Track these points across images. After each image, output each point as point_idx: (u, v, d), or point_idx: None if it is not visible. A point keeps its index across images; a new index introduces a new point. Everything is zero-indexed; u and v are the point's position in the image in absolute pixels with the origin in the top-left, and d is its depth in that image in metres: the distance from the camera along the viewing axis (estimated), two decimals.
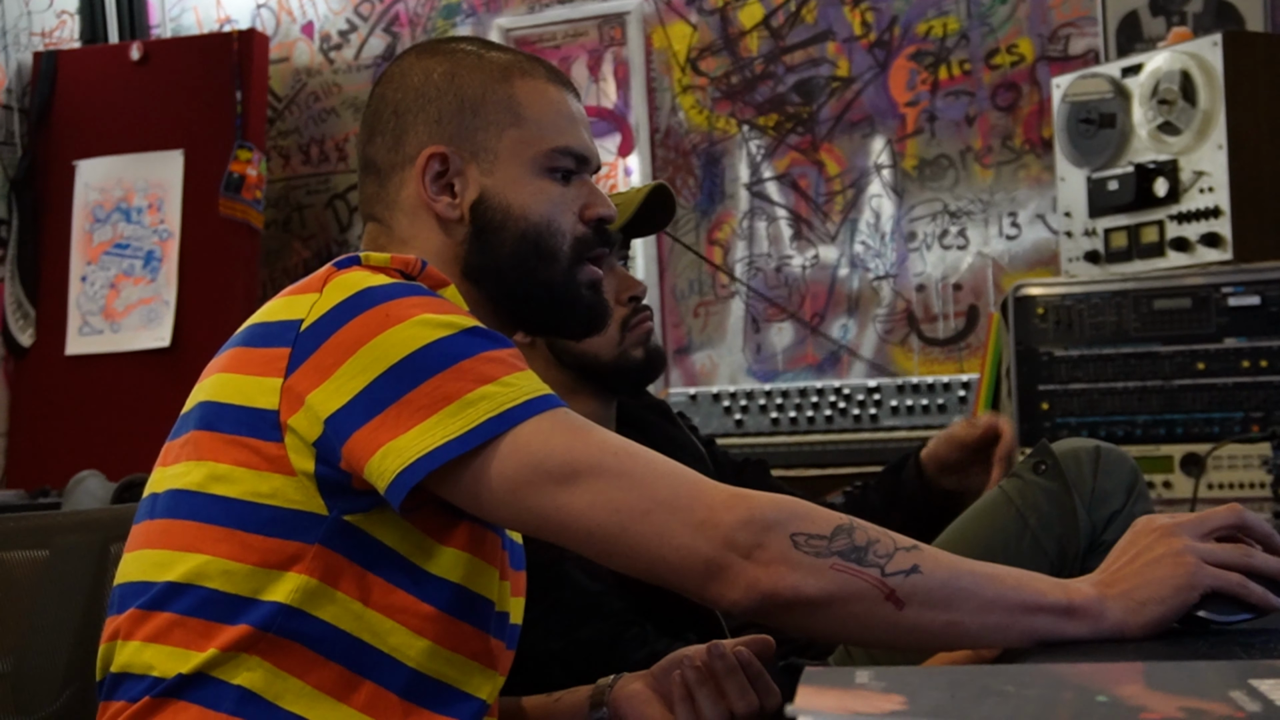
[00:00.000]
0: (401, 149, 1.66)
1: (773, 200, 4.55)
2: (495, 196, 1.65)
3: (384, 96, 1.70)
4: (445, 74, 1.67)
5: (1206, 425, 3.45)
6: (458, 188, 1.65)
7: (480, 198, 1.65)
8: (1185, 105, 3.52)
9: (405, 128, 1.66)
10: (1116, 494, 2.04)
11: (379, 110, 1.69)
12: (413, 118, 1.66)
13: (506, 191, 1.65)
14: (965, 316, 4.31)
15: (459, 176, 1.65)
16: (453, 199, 1.65)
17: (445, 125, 1.65)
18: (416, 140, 1.66)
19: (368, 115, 1.72)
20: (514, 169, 1.65)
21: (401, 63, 1.72)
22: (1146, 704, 0.79)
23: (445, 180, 1.65)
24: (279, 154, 5.16)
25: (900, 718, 0.78)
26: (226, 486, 1.49)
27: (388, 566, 1.49)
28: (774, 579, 1.37)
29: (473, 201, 1.65)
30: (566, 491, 1.41)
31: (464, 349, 1.45)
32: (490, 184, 1.65)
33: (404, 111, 1.67)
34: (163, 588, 1.50)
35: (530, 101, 1.67)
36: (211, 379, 1.56)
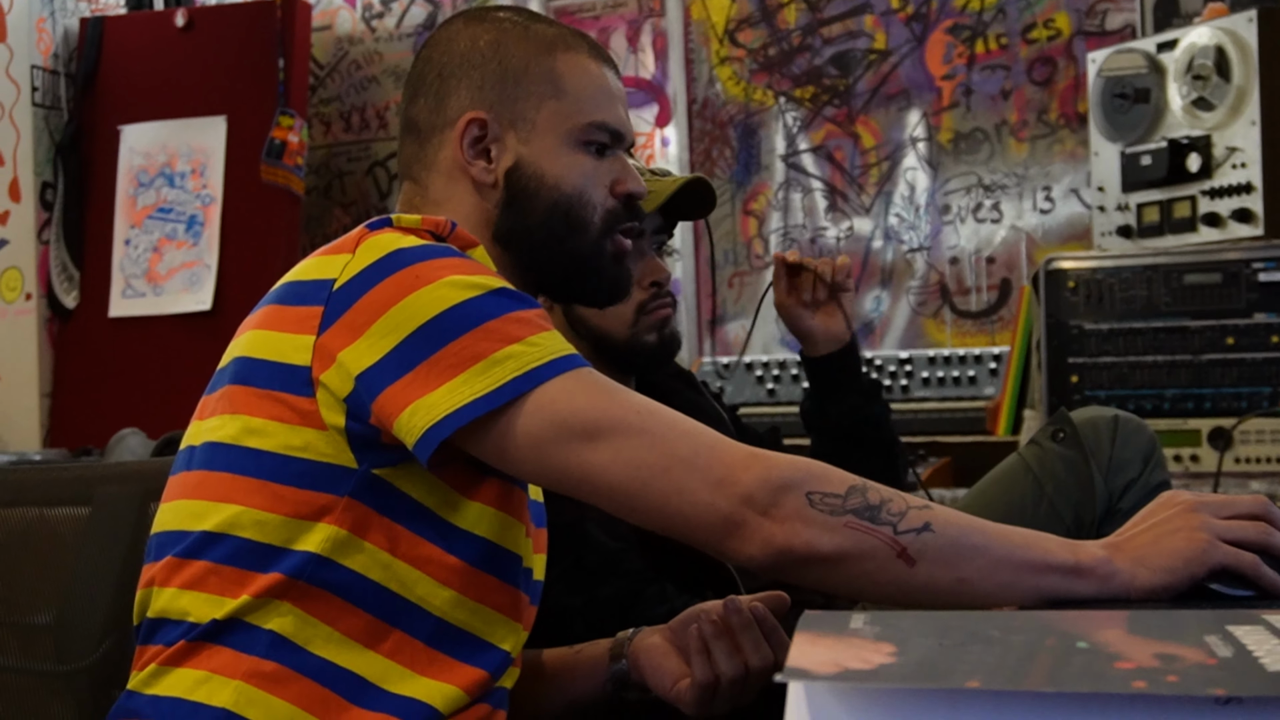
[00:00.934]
0: (443, 112, 1.71)
1: (808, 172, 4.58)
2: (530, 165, 1.69)
3: (429, 59, 1.75)
4: (491, 42, 1.72)
5: (1234, 400, 3.47)
6: (494, 153, 1.69)
7: (515, 165, 1.69)
8: (1219, 81, 3.53)
9: (448, 91, 1.71)
10: (1134, 462, 2.07)
11: (424, 72, 1.74)
12: (456, 82, 1.71)
13: (541, 161, 1.69)
14: (998, 290, 4.34)
15: (496, 143, 1.69)
16: (488, 164, 1.69)
17: (487, 92, 1.70)
18: (458, 104, 1.70)
19: (412, 76, 1.76)
20: (550, 140, 1.69)
21: (449, 27, 1.76)
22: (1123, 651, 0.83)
23: (483, 145, 1.69)
24: (320, 121, 5.22)
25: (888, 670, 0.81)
26: (260, 440, 1.54)
27: (415, 519, 1.54)
28: (789, 535, 1.41)
29: (508, 168, 1.69)
30: (590, 448, 1.46)
31: (491, 309, 1.49)
32: (526, 152, 1.69)
33: (448, 75, 1.71)
34: (198, 537, 1.55)
35: (571, 75, 1.71)
36: (247, 335, 1.61)
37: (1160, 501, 1.45)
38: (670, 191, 2.22)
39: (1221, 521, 1.39)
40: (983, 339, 4.33)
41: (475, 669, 1.57)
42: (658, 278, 2.24)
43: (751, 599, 1.69)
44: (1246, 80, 3.49)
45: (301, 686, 1.52)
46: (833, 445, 2.38)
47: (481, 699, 1.59)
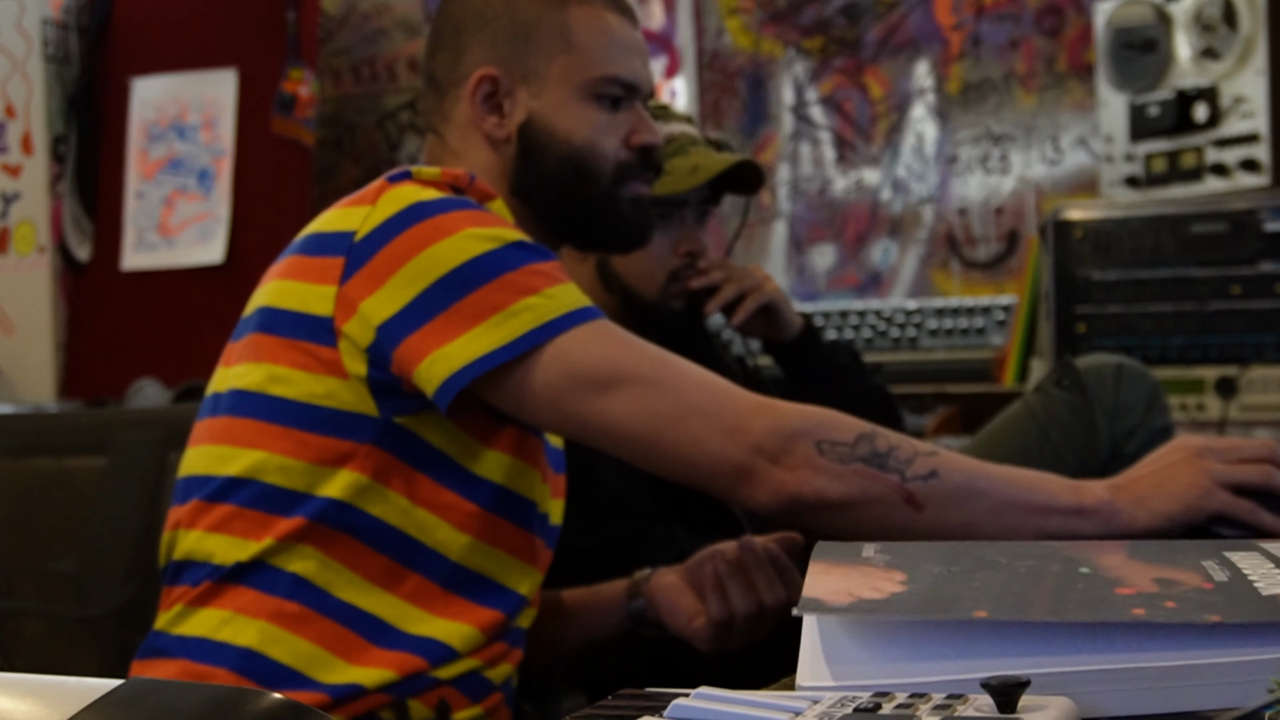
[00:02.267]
0: (458, 67, 1.74)
1: (817, 123, 4.60)
2: (541, 119, 1.72)
3: (448, 13, 1.78)
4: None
5: (1240, 348, 3.50)
6: (506, 109, 1.72)
7: (527, 120, 1.72)
8: (1227, 31, 3.54)
9: (463, 47, 1.74)
10: (1137, 408, 2.10)
11: (442, 27, 1.77)
12: (470, 37, 1.74)
13: (552, 115, 1.72)
14: (1006, 240, 4.36)
15: (508, 98, 1.72)
16: (500, 119, 1.72)
17: (499, 48, 1.72)
18: (472, 60, 1.73)
19: (433, 30, 1.79)
20: (561, 94, 1.72)
21: None
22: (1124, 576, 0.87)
23: (495, 101, 1.72)
24: (330, 73, 5.23)
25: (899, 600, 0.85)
26: (284, 387, 1.58)
27: (434, 466, 1.58)
28: (799, 482, 1.45)
29: (520, 123, 1.72)
30: (604, 398, 1.49)
31: (509, 261, 1.53)
32: (537, 107, 1.72)
33: (463, 30, 1.74)
34: (224, 481, 1.59)
35: (583, 28, 1.73)
36: (271, 284, 1.65)
37: (1171, 445, 1.50)
38: (718, 170, 2.25)
39: (1224, 466, 1.43)
40: (990, 289, 4.36)
41: (491, 610, 1.62)
42: (691, 247, 2.28)
43: (765, 539, 1.73)
44: (1254, 30, 3.51)
45: (323, 626, 1.57)
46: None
47: (498, 638, 1.63)
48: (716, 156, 2.31)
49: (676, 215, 2.29)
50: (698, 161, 2.27)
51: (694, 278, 2.30)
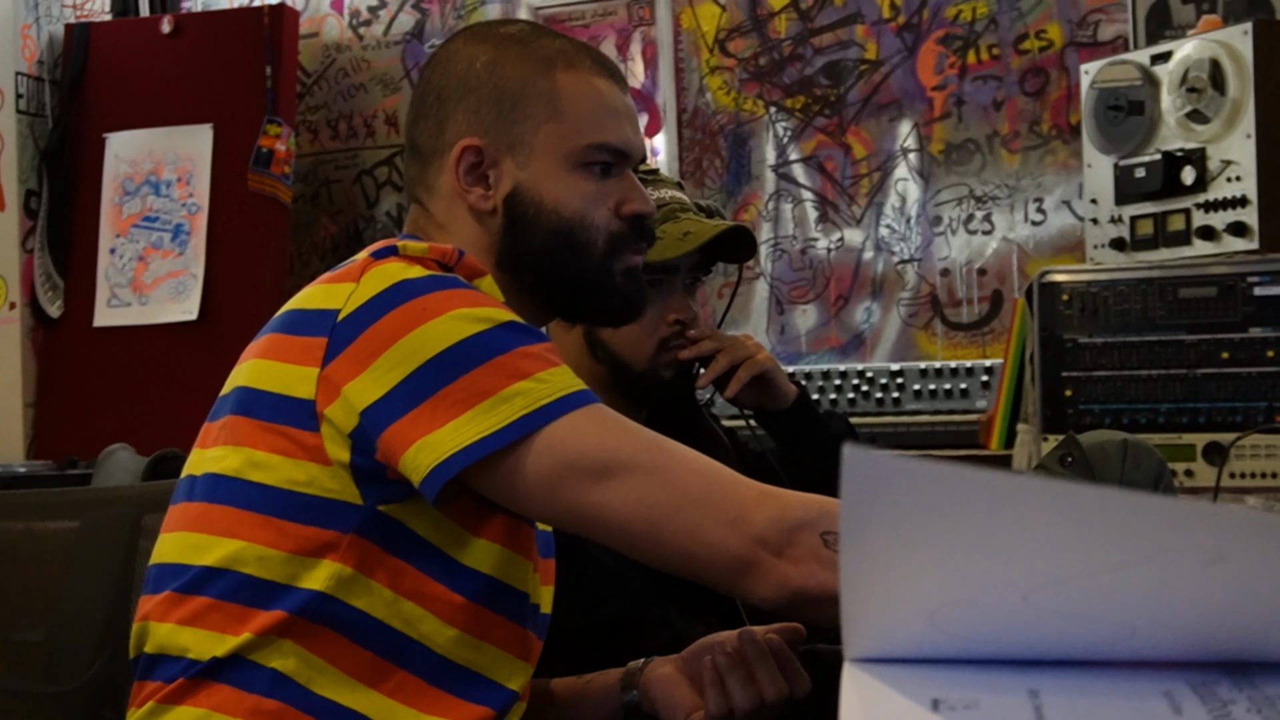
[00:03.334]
0: (442, 136, 1.68)
1: (799, 182, 4.56)
2: (528, 190, 1.66)
3: (430, 80, 1.72)
4: (488, 63, 1.68)
5: (1230, 414, 3.46)
6: (492, 179, 1.66)
7: (514, 191, 1.66)
8: (1214, 94, 3.52)
9: (446, 115, 1.68)
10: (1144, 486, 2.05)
11: (424, 94, 1.71)
12: (453, 106, 1.68)
13: (540, 186, 1.66)
14: (989, 302, 4.32)
15: (494, 169, 1.66)
16: (486, 191, 1.66)
17: (483, 116, 1.67)
18: (455, 129, 1.67)
19: (415, 97, 1.73)
20: (549, 163, 1.66)
21: (450, 47, 1.73)
22: None
23: (480, 172, 1.66)
24: (307, 129, 5.18)
25: None
26: (264, 473, 1.51)
27: (420, 556, 1.52)
28: (804, 576, 1.39)
29: (506, 194, 1.66)
30: (600, 487, 1.43)
31: (500, 344, 1.47)
32: (524, 178, 1.66)
33: (446, 99, 1.68)
34: (199, 571, 1.53)
35: (571, 94, 1.68)
36: (249, 363, 1.59)
37: None
38: (709, 236, 2.20)
39: None
40: (974, 351, 4.32)
41: (480, 707, 1.55)
42: (683, 316, 2.23)
43: (766, 630, 1.67)
44: (1242, 93, 3.48)
45: None
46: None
47: None
48: (707, 223, 2.26)
49: (666, 283, 2.24)
50: (688, 228, 2.23)
51: (685, 348, 2.24)
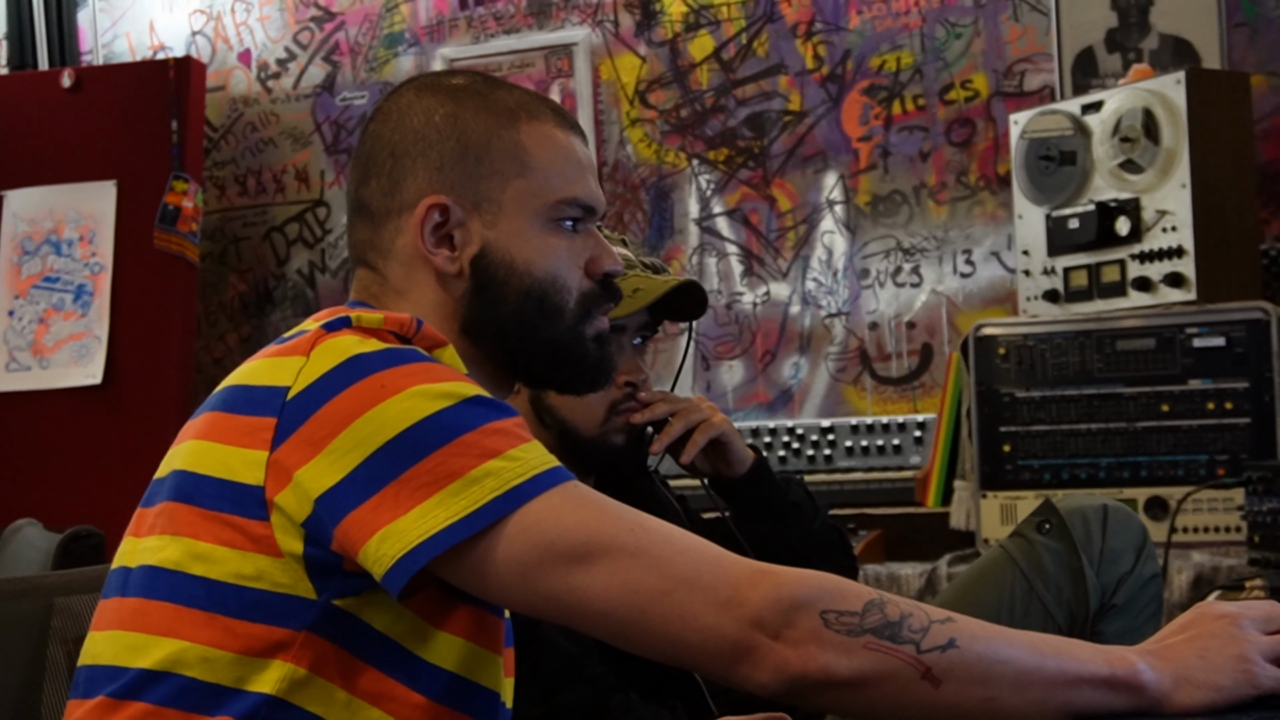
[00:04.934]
0: (398, 195, 1.56)
1: (723, 236, 4.48)
2: (497, 251, 1.55)
3: (379, 135, 1.59)
4: (448, 116, 1.57)
5: (1171, 468, 3.41)
6: (458, 240, 1.55)
7: (481, 252, 1.55)
8: (1148, 143, 3.47)
9: (403, 172, 1.56)
10: (1126, 555, 1.97)
11: (374, 151, 1.59)
12: (411, 162, 1.56)
13: (510, 245, 1.55)
14: (919, 355, 4.25)
15: (460, 228, 1.55)
16: (452, 252, 1.55)
17: (447, 173, 1.55)
18: (415, 187, 1.55)
19: (361, 154, 1.61)
20: (518, 221, 1.55)
21: (400, 99, 1.61)
22: None
23: (444, 231, 1.55)
24: (214, 185, 5.04)
25: None
26: (207, 566, 1.38)
27: (379, 654, 1.39)
28: (805, 660, 1.29)
29: (473, 255, 1.55)
30: (580, 572, 1.32)
31: (466, 421, 1.35)
32: (493, 237, 1.55)
33: (401, 154, 1.56)
34: (136, 675, 1.39)
35: (537, 148, 1.57)
36: (188, 445, 1.46)
37: (1200, 611, 1.37)
38: (660, 293, 2.10)
39: (1268, 639, 1.32)
40: (905, 406, 4.25)
41: None
42: (633, 378, 2.13)
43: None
44: (1176, 142, 3.44)
45: None
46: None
47: None
48: (657, 279, 2.17)
49: (615, 343, 2.13)
50: (638, 284, 2.13)
51: (637, 411, 2.14)
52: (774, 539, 2.17)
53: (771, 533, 2.19)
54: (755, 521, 2.20)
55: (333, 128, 4.92)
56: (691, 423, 2.16)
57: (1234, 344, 3.36)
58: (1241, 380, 3.35)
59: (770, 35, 4.42)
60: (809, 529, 2.21)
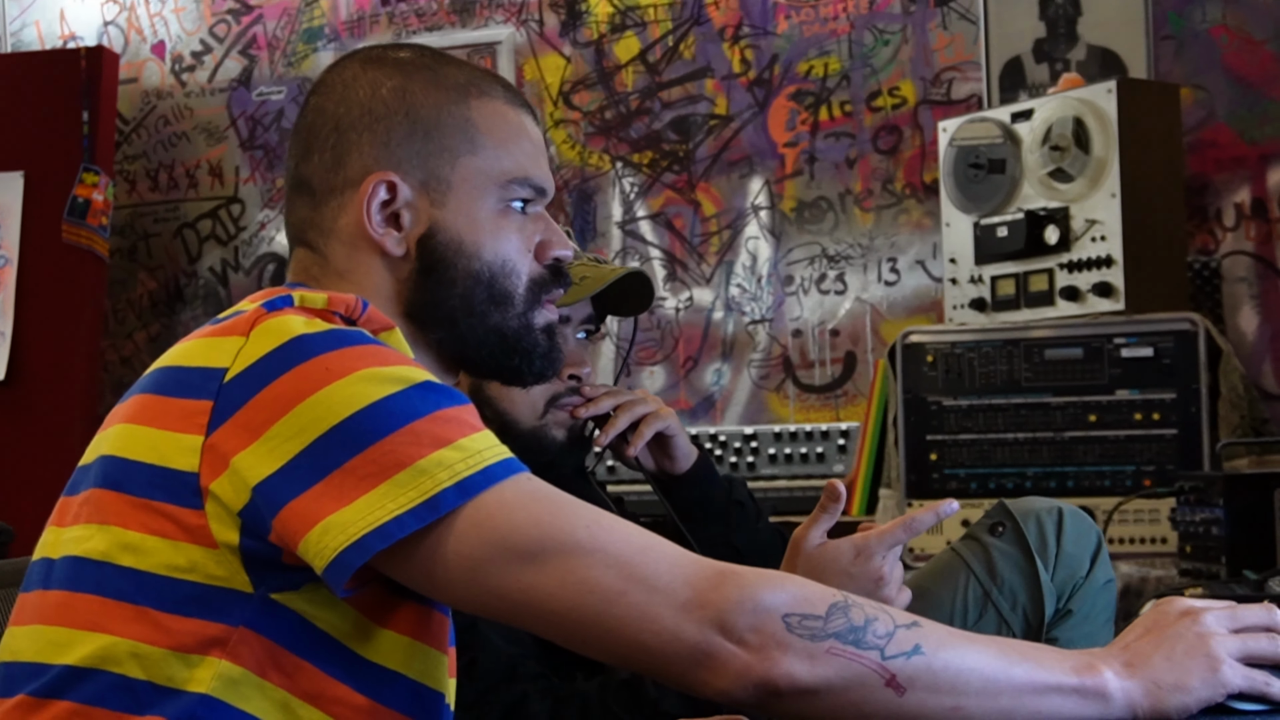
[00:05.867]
0: (342, 170, 1.48)
1: (646, 240, 4.43)
2: (446, 231, 1.48)
3: (322, 109, 1.51)
4: (395, 89, 1.50)
5: (1098, 478, 3.39)
6: (405, 219, 1.48)
7: (429, 232, 1.48)
8: (1078, 152, 3.46)
9: (348, 147, 1.48)
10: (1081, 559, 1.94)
11: (315, 124, 1.51)
12: (357, 136, 1.48)
13: (459, 226, 1.48)
14: (843, 363, 4.22)
15: (407, 207, 1.47)
16: (398, 232, 1.48)
17: (394, 149, 1.48)
18: (360, 163, 1.48)
19: (301, 128, 1.53)
20: (467, 201, 1.48)
21: (344, 72, 1.53)
22: None
23: (391, 210, 1.48)
24: (125, 179, 4.92)
25: None
26: (137, 558, 1.30)
27: (320, 651, 1.32)
28: (767, 666, 1.23)
29: (420, 235, 1.48)
30: (534, 570, 1.25)
31: (415, 407, 1.28)
32: (441, 217, 1.48)
33: (346, 128, 1.49)
34: (61, 671, 1.31)
35: (488, 125, 1.50)
36: (116, 429, 1.38)
37: (1163, 610, 1.34)
38: (608, 280, 2.04)
39: (1234, 638, 1.29)
40: (827, 414, 4.21)
41: None
42: (576, 370, 2.06)
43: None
44: (1106, 151, 3.43)
45: None
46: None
47: None
48: (604, 267, 2.11)
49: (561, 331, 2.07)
50: (584, 272, 2.07)
51: (580, 405, 2.07)
52: (718, 540, 2.12)
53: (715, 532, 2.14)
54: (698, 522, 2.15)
55: (249, 123, 4.82)
56: (637, 415, 2.11)
57: (1161, 354, 3.35)
58: (1169, 391, 3.34)
59: (697, 38, 4.38)
60: (754, 530, 2.16)
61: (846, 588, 1.57)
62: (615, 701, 1.87)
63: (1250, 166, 3.82)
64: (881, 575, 1.74)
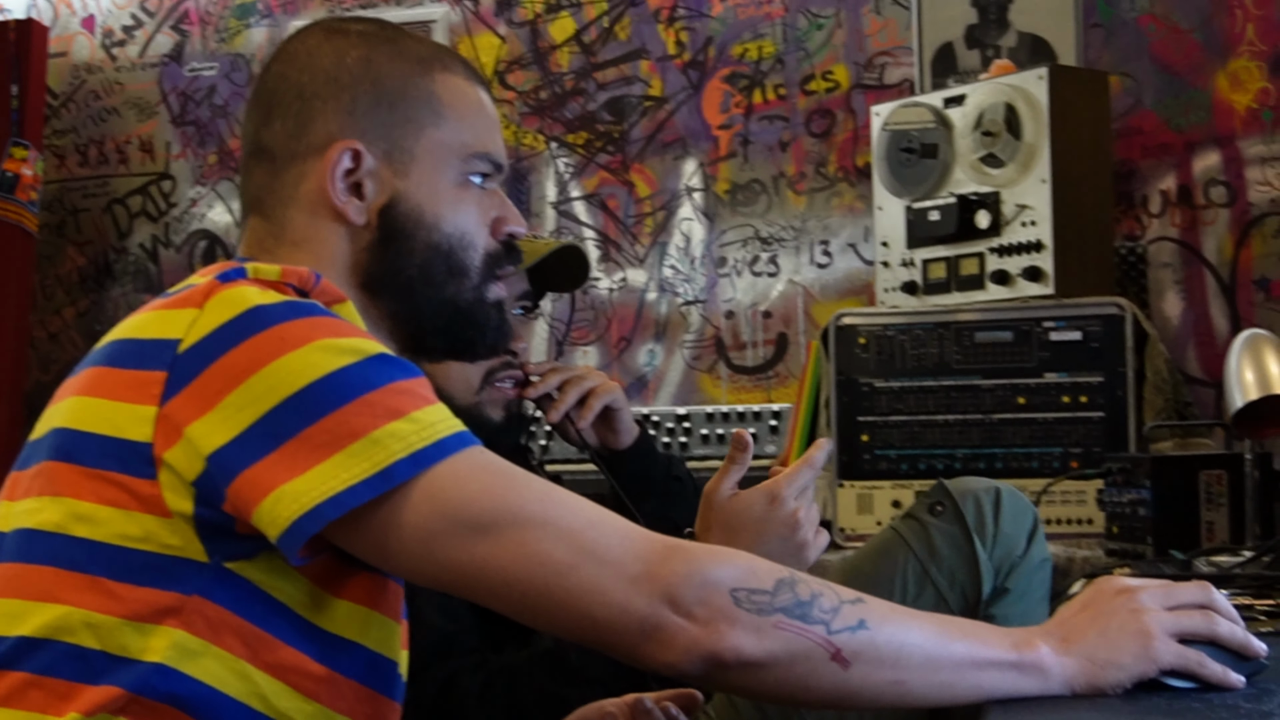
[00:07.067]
0: (305, 137, 1.50)
1: (580, 220, 4.44)
2: (407, 201, 1.49)
3: (284, 75, 1.52)
4: (360, 59, 1.51)
5: (1026, 460, 3.44)
6: (367, 188, 1.49)
7: (391, 202, 1.49)
8: (1009, 138, 3.50)
9: (312, 114, 1.50)
10: (1017, 538, 1.97)
11: (277, 90, 1.52)
12: (321, 103, 1.50)
13: (420, 197, 1.50)
14: (775, 345, 4.25)
15: (370, 176, 1.49)
16: (360, 201, 1.49)
17: (359, 118, 1.49)
18: (324, 130, 1.49)
19: (262, 94, 1.54)
20: (429, 173, 1.50)
21: (306, 40, 1.54)
22: None
23: (354, 179, 1.49)
24: (54, 154, 4.87)
25: None
26: (90, 528, 1.31)
27: (275, 620, 1.33)
28: (714, 639, 1.26)
29: (382, 205, 1.49)
30: (486, 542, 1.27)
31: (370, 378, 1.30)
32: (403, 187, 1.50)
33: (310, 96, 1.50)
34: (14, 642, 1.32)
35: (451, 99, 1.52)
36: (67, 402, 1.38)
37: (1099, 589, 1.37)
38: (542, 254, 2.06)
39: (1169, 615, 1.32)
40: (759, 395, 4.24)
41: None
42: (512, 347, 2.07)
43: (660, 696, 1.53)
44: (1037, 137, 3.47)
45: None
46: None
47: None
48: (539, 242, 2.12)
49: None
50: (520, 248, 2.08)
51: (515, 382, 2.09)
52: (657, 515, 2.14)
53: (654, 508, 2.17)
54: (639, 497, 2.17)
55: (180, 99, 4.79)
56: (585, 389, 2.12)
57: (1089, 338, 3.40)
58: (1096, 374, 3.39)
59: (632, 19, 4.39)
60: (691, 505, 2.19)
61: (762, 534, 1.62)
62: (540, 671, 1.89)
63: (1176, 154, 3.88)
64: (796, 519, 1.77)
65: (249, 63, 4.71)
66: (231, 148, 4.71)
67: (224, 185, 4.73)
